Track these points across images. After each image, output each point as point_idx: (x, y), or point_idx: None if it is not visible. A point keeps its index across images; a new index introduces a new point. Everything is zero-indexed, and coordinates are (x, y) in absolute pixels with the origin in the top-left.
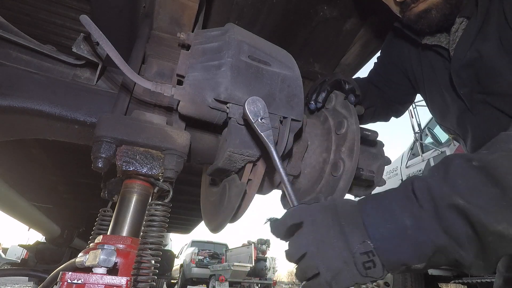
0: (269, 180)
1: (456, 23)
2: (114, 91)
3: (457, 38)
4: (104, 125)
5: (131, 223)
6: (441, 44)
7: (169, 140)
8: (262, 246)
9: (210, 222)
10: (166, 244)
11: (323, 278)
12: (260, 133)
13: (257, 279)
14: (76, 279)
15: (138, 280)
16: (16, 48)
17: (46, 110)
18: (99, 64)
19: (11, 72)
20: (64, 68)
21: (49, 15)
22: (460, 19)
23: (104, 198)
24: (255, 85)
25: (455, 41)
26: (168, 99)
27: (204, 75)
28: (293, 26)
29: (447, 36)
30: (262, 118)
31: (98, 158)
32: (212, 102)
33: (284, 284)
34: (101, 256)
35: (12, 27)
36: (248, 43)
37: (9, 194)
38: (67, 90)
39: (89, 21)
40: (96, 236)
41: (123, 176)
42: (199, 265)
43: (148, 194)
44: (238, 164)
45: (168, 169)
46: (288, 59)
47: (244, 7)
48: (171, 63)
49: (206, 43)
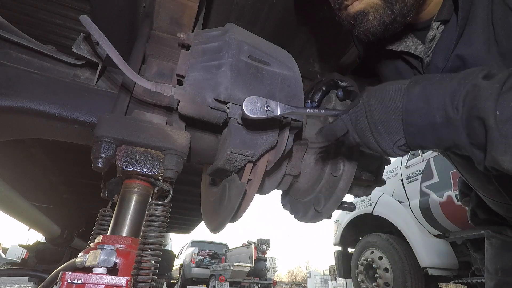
0: (269, 180)
1: (433, 28)
2: (114, 91)
3: (434, 43)
4: (104, 125)
5: (131, 223)
6: (409, 50)
7: (169, 140)
8: (262, 246)
9: (210, 222)
10: (166, 244)
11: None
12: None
13: (257, 279)
14: (76, 279)
15: (138, 280)
16: (16, 48)
17: (46, 110)
18: (99, 64)
19: (11, 72)
20: (64, 68)
21: (49, 15)
22: (436, 23)
23: (104, 198)
24: (255, 85)
25: (431, 47)
26: (168, 99)
27: (204, 75)
28: (293, 26)
29: (413, 38)
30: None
31: (98, 158)
32: (212, 102)
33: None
34: (101, 256)
35: (12, 27)
36: (248, 43)
37: (9, 194)
38: (67, 90)
39: (89, 21)
40: (96, 236)
41: (123, 176)
42: (199, 265)
43: (148, 194)
44: (238, 164)
45: (168, 169)
46: (288, 59)
47: (244, 7)
48: (171, 63)
49: (206, 43)
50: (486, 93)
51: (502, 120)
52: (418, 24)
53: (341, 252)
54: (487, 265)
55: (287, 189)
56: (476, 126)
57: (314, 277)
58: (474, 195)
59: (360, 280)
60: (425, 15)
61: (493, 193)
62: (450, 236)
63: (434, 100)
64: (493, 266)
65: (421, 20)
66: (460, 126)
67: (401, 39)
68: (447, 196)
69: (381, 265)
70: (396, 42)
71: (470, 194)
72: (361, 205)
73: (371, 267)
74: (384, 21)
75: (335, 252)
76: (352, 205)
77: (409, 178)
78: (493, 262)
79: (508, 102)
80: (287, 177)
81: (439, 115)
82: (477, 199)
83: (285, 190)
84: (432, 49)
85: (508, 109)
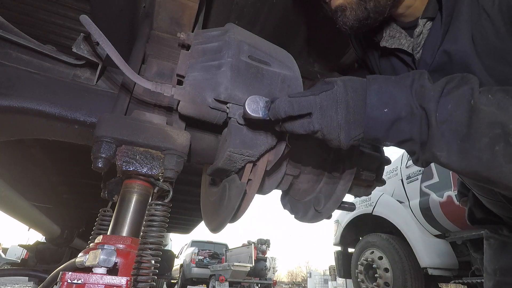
0: (269, 180)
1: (419, 25)
2: (114, 91)
3: (422, 40)
4: (104, 125)
5: (131, 223)
6: (402, 47)
7: (169, 140)
8: (262, 246)
9: (210, 222)
10: (166, 244)
11: (315, 120)
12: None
13: (257, 279)
14: (76, 279)
15: (138, 280)
16: (16, 48)
17: (46, 110)
18: (99, 64)
19: (11, 72)
20: (64, 68)
21: (49, 15)
22: (423, 20)
23: (104, 198)
24: (255, 85)
25: (420, 44)
26: (168, 99)
27: (204, 75)
28: (293, 26)
29: (407, 37)
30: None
31: (98, 158)
32: (212, 102)
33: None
34: (101, 256)
35: (12, 27)
36: (248, 43)
37: (9, 194)
38: (67, 90)
39: (89, 21)
40: (96, 236)
41: (123, 176)
42: (199, 265)
43: (148, 194)
44: (238, 164)
45: (168, 169)
46: (288, 59)
47: (244, 7)
48: (171, 63)
49: (206, 43)
50: (430, 95)
51: (441, 121)
52: (410, 23)
53: (341, 252)
54: (485, 265)
55: (287, 189)
56: (423, 123)
57: (314, 277)
58: (471, 195)
59: (360, 280)
60: (416, 13)
61: (486, 190)
62: (450, 236)
63: (399, 96)
64: (491, 267)
65: (412, 18)
66: (418, 121)
67: (395, 37)
68: (447, 196)
69: (381, 265)
70: (391, 40)
71: (468, 194)
72: (361, 205)
73: (371, 267)
74: (359, 17)
75: (335, 252)
76: (352, 205)
77: (409, 178)
78: (491, 262)
79: (446, 105)
80: (287, 177)
81: (405, 110)
82: (474, 199)
83: (285, 190)
84: (421, 46)
85: (446, 111)
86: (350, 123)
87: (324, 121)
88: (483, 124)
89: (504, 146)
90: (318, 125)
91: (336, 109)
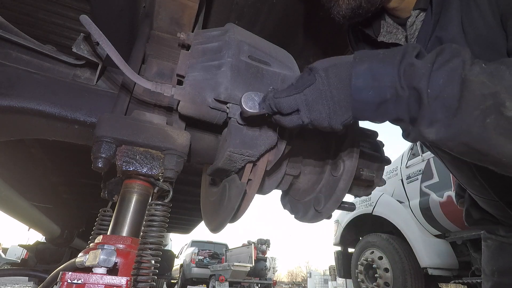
0: (269, 180)
1: (412, 16)
2: (114, 91)
3: (416, 31)
4: (104, 125)
5: (131, 223)
6: (399, 42)
7: (169, 140)
8: (262, 246)
9: (210, 222)
10: (166, 244)
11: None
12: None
13: (257, 279)
14: (76, 279)
15: (138, 280)
16: (16, 48)
17: (46, 110)
18: (99, 64)
19: (11, 72)
20: (64, 68)
21: (49, 15)
22: (415, 11)
23: (104, 198)
24: (255, 85)
25: (414, 35)
26: (168, 99)
27: (204, 75)
28: (293, 26)
29: (403, 32)
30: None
31: (98, 158)
32: (212, 102)
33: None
34: (101, 256)
35: (12, 27)
36: (248, 43)
37: (9, 194)
38: (67, 90)
39: (89, 21)
40: (96, 236)
41: (123, 176)
42: (199, 265)
43: (148, 194)
44: (238, 164)
45: (168, 169)
46: (288, 59)
47: (244, 7)
48: (171, 63)
49: (206, 43)
50: (420, 73)
51: (432, 97)
52: (406, 19)
53: (341, 252)
54: (483, 266)
55: (287, 189)
56: (413, 101)
57: (314, 277)
58: (468, 196)
59: (360, 280)
60: (410, 7)
61: (479, 189)
62: (450, 236)
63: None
64: (489, 268)
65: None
66: (405, 102)
67: (392, 33)
68: (447, 196)
69: (381, 265)
70: (388, 35)
71: (465, 195)
72: (361, 205)
73: (371, 267)
74: (351, 6)
75: (335, 252)
76: (352, 205)
77: (409, 178)
78: (489, 263)
79: (438, 80)
80: (287, 177)
81: (390, 92)
82: (470, 199)
83: (285, 190)
84: (415, 37)
85: (437, 87)
86: (337, 110)
87: (312, 115)
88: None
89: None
90: (307, 119)
91: (322, 102)
